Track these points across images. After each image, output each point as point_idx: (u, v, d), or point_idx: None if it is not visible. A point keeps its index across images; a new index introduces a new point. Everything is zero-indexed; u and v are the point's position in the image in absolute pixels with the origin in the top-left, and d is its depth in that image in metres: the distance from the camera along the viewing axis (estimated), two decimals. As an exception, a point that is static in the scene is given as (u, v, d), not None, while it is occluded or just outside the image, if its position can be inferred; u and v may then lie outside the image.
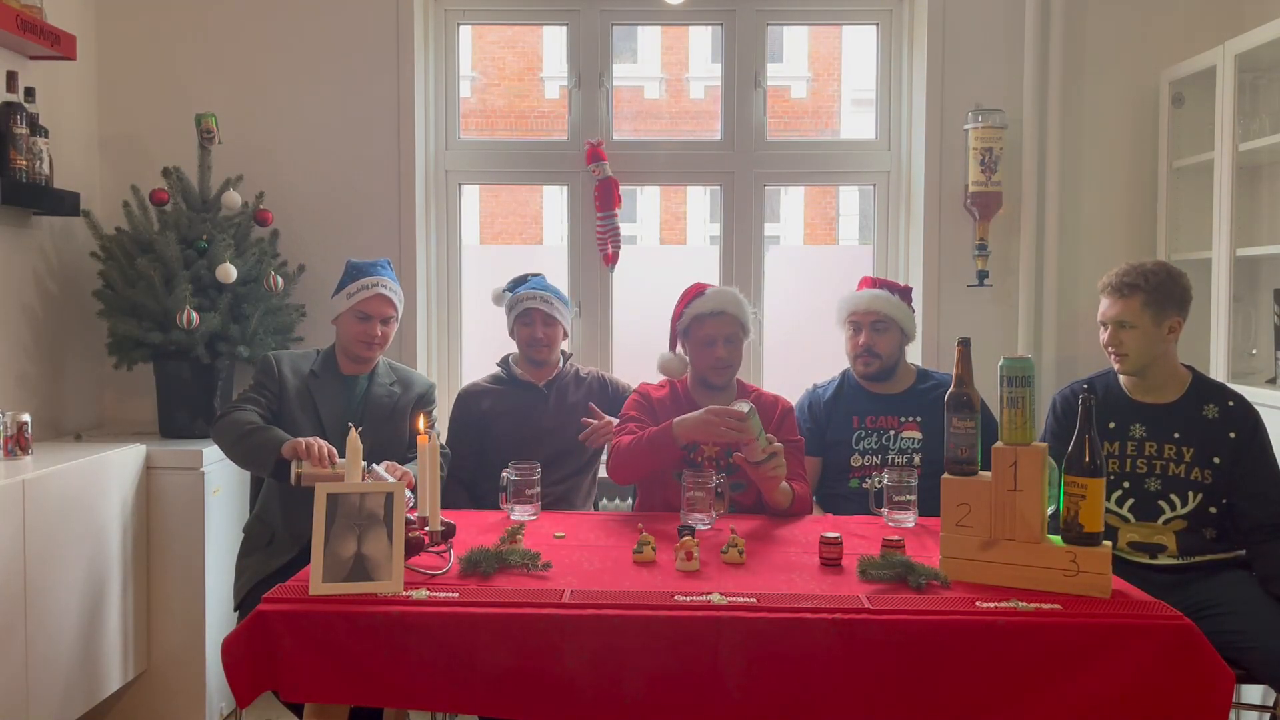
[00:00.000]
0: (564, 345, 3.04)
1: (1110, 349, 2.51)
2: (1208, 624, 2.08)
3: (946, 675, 1.77)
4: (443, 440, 2.96)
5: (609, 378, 3.07)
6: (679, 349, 2.78)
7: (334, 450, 2.39)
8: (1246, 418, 2.48)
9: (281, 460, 2.42)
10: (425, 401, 2.85)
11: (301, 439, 2.40)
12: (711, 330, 2.67)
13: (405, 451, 2.73)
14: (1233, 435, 2.45)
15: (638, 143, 3.57)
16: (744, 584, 1.96)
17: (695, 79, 10.87)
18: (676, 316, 2.76)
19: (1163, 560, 2.46)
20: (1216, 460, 2.45)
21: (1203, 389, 2.53)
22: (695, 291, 2.74)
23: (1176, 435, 2.48)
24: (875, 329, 2.82)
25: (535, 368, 2.96)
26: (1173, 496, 2.47)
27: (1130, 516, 2.48)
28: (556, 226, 8.79)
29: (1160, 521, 2.47)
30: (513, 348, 3.03)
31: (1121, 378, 2.57)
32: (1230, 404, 2.49)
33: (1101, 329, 2.54)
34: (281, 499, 2.66)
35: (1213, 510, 2.45)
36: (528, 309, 2.92)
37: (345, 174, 3.35)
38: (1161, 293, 2.45)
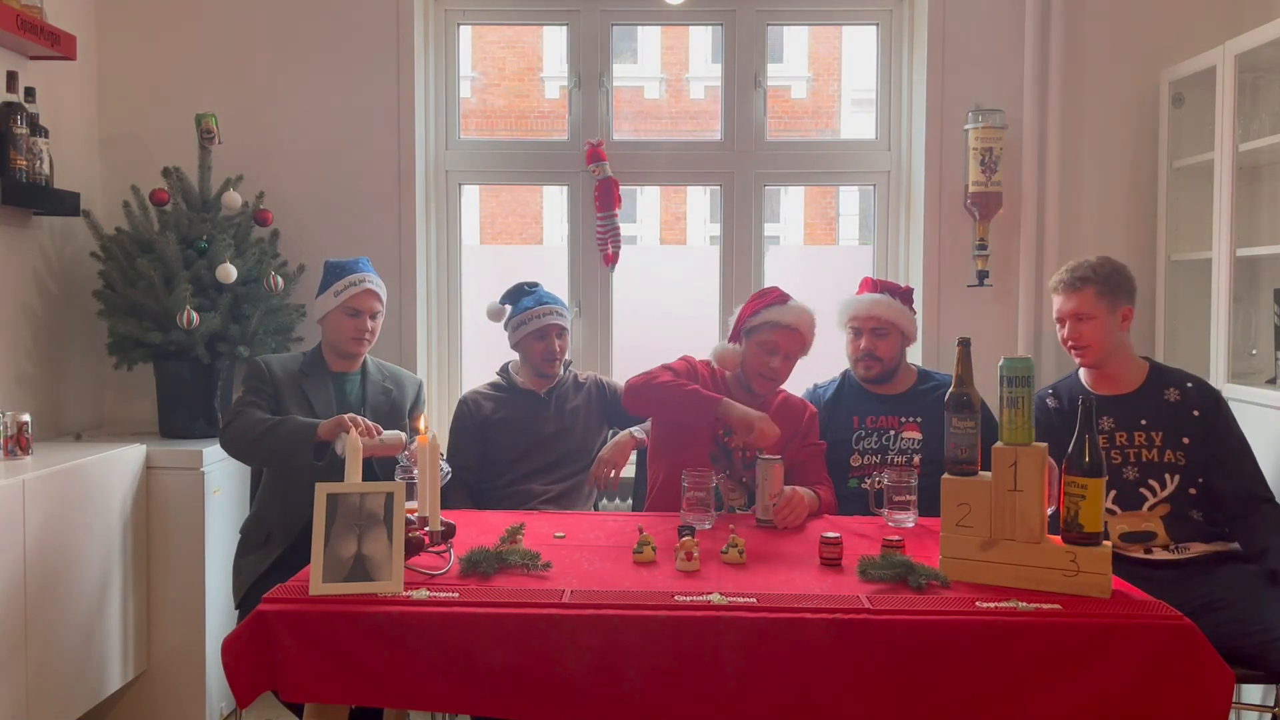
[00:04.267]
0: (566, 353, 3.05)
1: (1070, 343, 2.60)
2: (1212, 618, 2.10)
3: (946, 675, 1.77)
4: (441, 445, 2.96)
5: (606, 381, 3.07)
6: (739, 344, 2.75)
7: (376, 425, 2.49)
8: (1207, 396, 2.56)
9: (320, 442, 2.48)
10: (419, 402, 2.91)
11: (342, 415, 2.49)
12: (779, 342, 2.68)
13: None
14: (1196, 414, 2.53)
15: (638, 143, 3.56)
16: (744, 584, 1.97)
17: (695, 79, 10.86)
18: (750, 312, 2.74)
19: (1158, 553, 2.48)
20: (1186, 441, 2.52)
21: (1161, 375, 2.61)
22: (776, 297, 2.74)
23: (1144, 422, 2.54)
24: (876, 334, 2.83)
25: (542, 379, 2.95)
26: (1151, 482, 2.52)
27: (1116, 508, 2.52)
28: (556, 226, 8.79)
29: (1146, 509, 2.52)
30: (510, 354, 3.03)
31: (1083, 375, 2.65)
32: (1189, 385, 2.57)
33: (1059, 326, 2.63)
34: (281, 497, 2.67)
35: (1192, 491, 2.51)
36: (546, 325, 2.90)
37: (345, 174, 3.35)
38: (1112, 283, 2.56)
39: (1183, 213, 3.18)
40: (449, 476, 2.37)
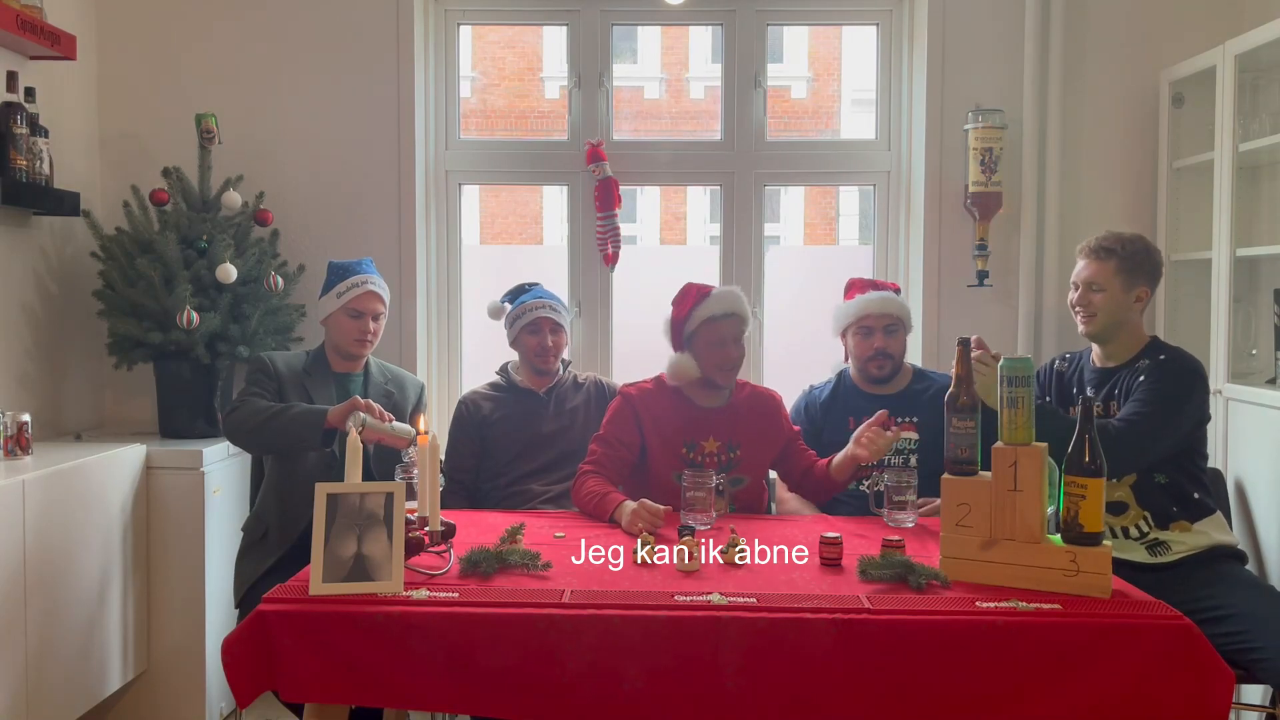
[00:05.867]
0: (564, 352, 3.05)
1: (1078, 308, 2.59)
2: (1208, 627, 2.09)
3: (946, 675, 1.77)
4: (441, 446, 2.97)
5: (606, 382, 3.08)
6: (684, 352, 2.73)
7: (389, 414, 2.53)
8: (1164, 365, 2.48)
9: (328, 429, 2.51)
10: (421, 404, 2.92)
11: (355, 397, 2.52)
12: (725, 331, 2.67)
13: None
14: (1141, 379, 2.49)
15: (638, 143, 3.56)
16: (744, 584, 1.97)
17: (695, 79, 10.85)
18: (681, 318, 2.72)
19: (1140, 553, 2.48)
20: None
21: (1149, 350, 2.56)
22: (697, 293, 2.72)
23: (1117, 393, 2.54)
24: (889, 331, 2.83)
25: (539, 376, 2.95)
26: None
27: None
28: (556, 226, 8.78)
29: (1115, 479, 2.51)
30: (511, 354, 3.03)
31: (1094, 350, 2.64)
32: (1162, 358, 2.51)
33: (1072, 289, 2.63)
34: (279, 497, 2.68)
35: None
36: (538, 318, 2.91)
37: (345, 174, 3.35)
38: (1135, 261, 2.54)
39: (1183, 213, 3.18)
40: (443, 485, 2.38)
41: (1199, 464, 2.56)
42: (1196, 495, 2.51)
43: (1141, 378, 2.49)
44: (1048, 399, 2.68)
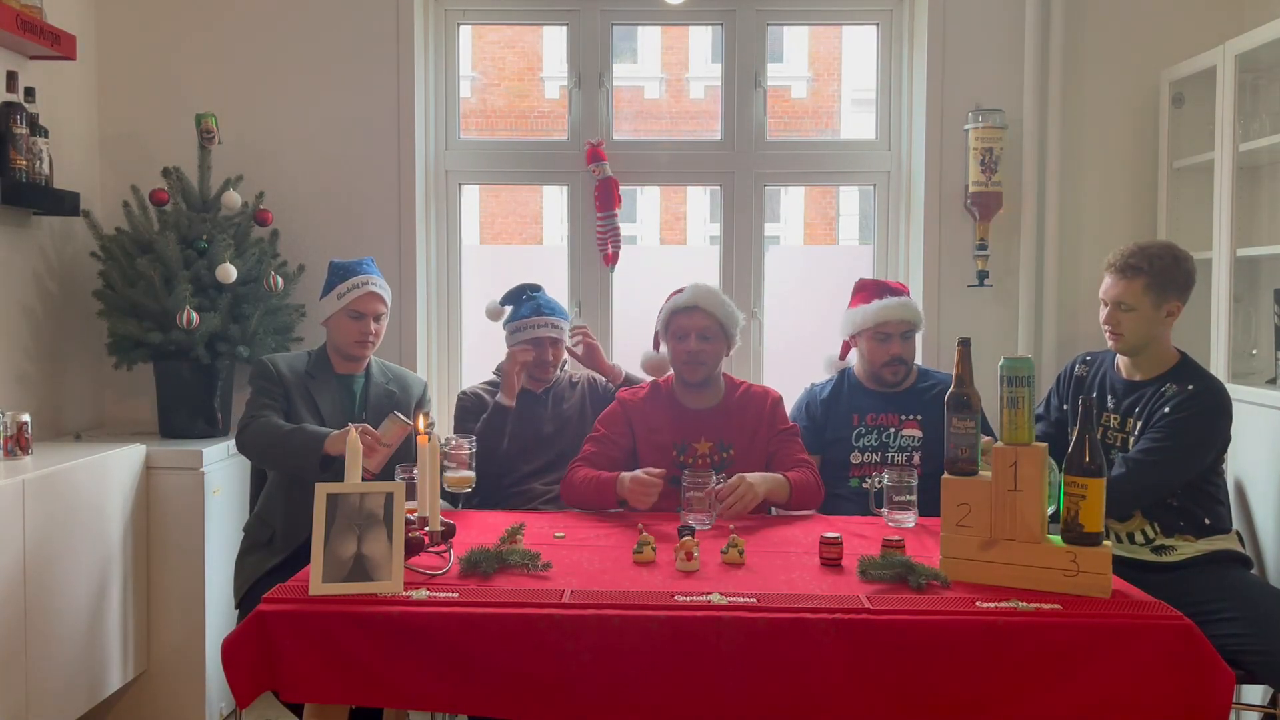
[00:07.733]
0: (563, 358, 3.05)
1: (1107, 327, 2.54)
2: (1209, 628, 2.09)
3: (947, 675, 1.77)
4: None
5: (601, 380, 3.07)
6: (662, 348, 2.83)
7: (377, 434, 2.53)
8: (1191, 399, 2.43)
9: (326, 455, 2.49)
10: (424, 403, 2.90)
11: (351, 425, 2.43)
12: (685, 323, 2.67)
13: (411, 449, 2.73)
14: (1166, 410, 2.44)
15: (638, 143, 3.56)
16: (744, 584, 1.97)
17: (695, 79, 10.84)
18: (660, 316, 2.78)
19: (1145, 553, 2.47)
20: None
21: (1178, 371, 2.51)
22: (679, 290, 2.76)
23: (1136, 410, 2.51)
24: (905, 337, 2.84)
25: (535, 382, 2.95)
26: None
27: None
28: (556, 226, 8.77)
29: (1121, 520, 2.50)
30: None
31: (1118, 357, 2.61)
32: (1190, 387, 2.45)
33: (1101, 306, 2.57)
34: (284, 498, 2.67)
35: None
36: (540, 337, 2.88)
37: (345, 174, 3.35)
38: (1165, 277, 2.47)
39: (1183, 213, 3.18)
40: (474, 447, 2.48)
41: (1215, 482, 2.53)
42: (1208, 521, 2.48)
43: (1166, 409, 2.44)
44: (1065, 406, 2.68)
